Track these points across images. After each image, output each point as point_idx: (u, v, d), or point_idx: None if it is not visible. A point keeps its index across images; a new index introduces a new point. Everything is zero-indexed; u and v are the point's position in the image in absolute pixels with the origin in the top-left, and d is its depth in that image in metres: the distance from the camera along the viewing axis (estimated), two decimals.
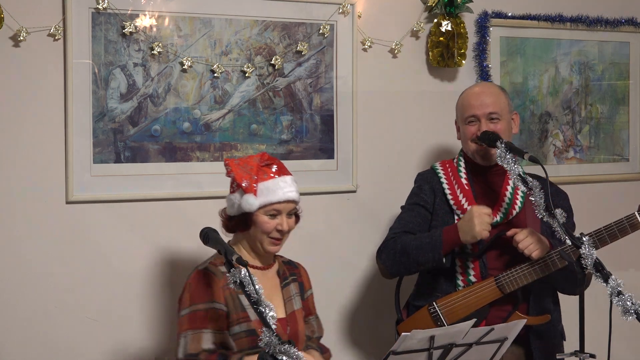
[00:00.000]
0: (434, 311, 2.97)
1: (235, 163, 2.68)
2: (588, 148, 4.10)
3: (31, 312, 3.10)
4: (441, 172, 3.13)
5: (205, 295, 2.57)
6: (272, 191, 2.64)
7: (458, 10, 3.65)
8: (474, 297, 2.94)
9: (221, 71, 3.31)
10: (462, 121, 3.09)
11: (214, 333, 2.55)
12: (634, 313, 2.49)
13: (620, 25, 4.09)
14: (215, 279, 2.59)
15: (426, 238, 2.95)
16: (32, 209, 3.09)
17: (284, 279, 2.77)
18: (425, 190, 3.12)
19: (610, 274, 2.58)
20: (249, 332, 2.57)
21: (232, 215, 2.67)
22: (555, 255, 2.89)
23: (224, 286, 2.56)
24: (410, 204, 3.14)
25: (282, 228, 2.65)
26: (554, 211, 2.70)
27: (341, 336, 3.61)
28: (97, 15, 3.12)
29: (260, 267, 2.72)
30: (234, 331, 2.57)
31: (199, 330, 2.54)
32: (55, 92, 3.09)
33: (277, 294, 2.72)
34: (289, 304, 2.73)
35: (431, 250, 2.91)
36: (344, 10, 3.49)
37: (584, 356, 2.66)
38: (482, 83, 3.34)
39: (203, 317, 2.55)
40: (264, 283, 2.67)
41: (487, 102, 3.04)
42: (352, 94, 3.54)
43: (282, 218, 2.65)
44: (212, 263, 2.65)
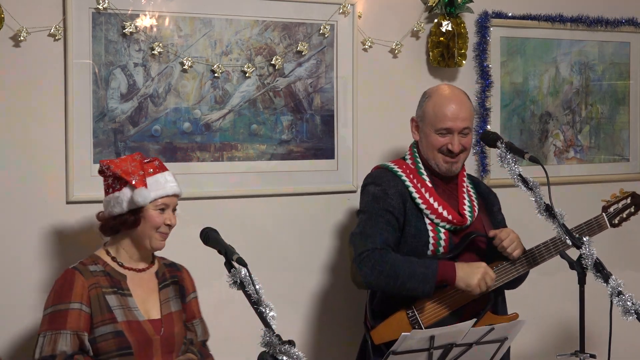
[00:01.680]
0: (413, 315, 2.93)
1: (115, 162, 2.68)
2: (588, 148, 4.10)
3: (31, 312, 3.09)
4: (401, 173, 3.06)
5: (68, 295, 2.55)
6: (162, 185, 2.68)
7: (458, 10, 3.65)
8: (450, 300, 2.94)
9: (221, 71, 3.31)
10: (431, 129, 3.02)
11: (72, 334, 2.52)
12: (634, 313, 2.49)
13: (620, 26, 4.09)
14: (82, 278, 2.58)
15: (420, 267, 2.87)
16: (32, 209, 3.09)
17: (163, 281, 2.76)
18: (392, 195, 3.00)
19: (610, 274, 2.58)
20: (116, 334, 2.56)
21: (117, 214, 2.64)
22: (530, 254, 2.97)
23: (90, 286, 2.57)
24: (378, 209, 2.99)
25: (171, 222, 2.70)
26: (554, 211, 2.70)
27: (341, 336, 3.61)
28: (98, 15, 3.12)
29: (140, 269, 2.72)
30: (99, 332, 2.55)
31: (56, 331, 2.51)
32: (56, 92, 3.09)
33: (153, 295, 2.71)
34: (165, 306, 2.71)
35: (422, 282, 2.85)
36: (344, 10, 3.49)
37: (584, 356, 2.66)
38: (451, 90, 3.10)
39: (63, 317, 2.52)
40: (142, 283, 2.70)
41: (463, 116, 3.01)
42: (352, 94, 3.54)
43: (169, 212, 2.70)
44: (82, 262, 2.64)
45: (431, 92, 3.11)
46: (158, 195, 2.66)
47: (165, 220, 2.68)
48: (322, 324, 3.57)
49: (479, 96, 3.81)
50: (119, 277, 2.65)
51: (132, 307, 2.62)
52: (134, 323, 2.60)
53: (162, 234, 2.69)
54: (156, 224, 2.66)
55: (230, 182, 3.36)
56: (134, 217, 2.64)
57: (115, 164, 2.66)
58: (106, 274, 2.63)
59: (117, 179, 2.64)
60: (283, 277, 3.47)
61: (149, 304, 2.69)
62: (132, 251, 2.71)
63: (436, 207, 2.98)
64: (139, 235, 2.67)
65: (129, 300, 2.63)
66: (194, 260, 3.04)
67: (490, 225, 3.09)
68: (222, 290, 2.49)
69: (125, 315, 2.59)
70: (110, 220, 2.67)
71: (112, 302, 2.59)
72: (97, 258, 2.68)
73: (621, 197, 3.10)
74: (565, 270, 2.75)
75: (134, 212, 2.63)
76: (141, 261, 2.73)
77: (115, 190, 2.65)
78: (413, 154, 3.12)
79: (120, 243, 2.70)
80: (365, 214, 3.01)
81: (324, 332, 3.57)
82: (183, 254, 3.00)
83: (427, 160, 3.07)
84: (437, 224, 2.98)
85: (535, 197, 2.75)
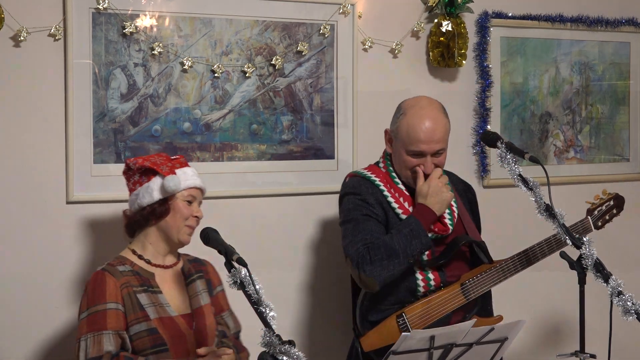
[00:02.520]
0: (403, 322, 2.91)
1: (141, 157, 2.73)
2: (588, 148, 4.10)
3: (31, 312, 3.10)
4: (379, 182, 3.01)
5: (103, 296, 2.56)
6: (189, 177, 2.71)
7: (458, 10, 3.65)
8: (440, 306, 2.93)
9: (221, 71, 3.31)
10: (403, 149, 2.96)
11: (114, 334, 2.54)
12: (634, 313, 2.49)
13: (620, 26, 4.09)
14: (113, 278, 2.59)
15: (404, 229, 2.85)
16: (32, 209, 3.09)
17: (189, 276, 2.77)
18: (372, 203, 2.95)
19: (610, 274, 2.58)
20: (150, 331, 2.57)
21: (146, 204, 2.65)
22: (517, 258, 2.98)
23: (121, 286, 2.58)
24: (362, 215, 2.93)
25: (199, 215, 2.72)
26: (555, 211, 2.70)
27: (340, 335, 3.61)
28: (98, 16, 3.12)
29: (166, 265, 2.73)
30: (134, 331, 2.57)
31: (98, 332, 2.52)
32: (56, 92, 3.09)
33: (182, 291, 2.73)
34: (194, 300, 2.73)
35: (416, 236, 2.84)
36: (344, 10, 3.49)
37: (584, 356, 2.66)
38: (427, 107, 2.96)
39: (102, 318, 2.54)
40: (170, 279, 2.71)
41: (438, 138, 2.93)
42: (352, 94, 3.54)
43: (195, 205, 2.72)
44: (110, 264, 2.65)
45: (406, 109, 2.99)
46: (187, 185, 2.68)
47: (193, 212, 2.70)
48: (322, 324, 3.56)
49: (479, 96, 3.81)
50: (147, 275, 2.66)
51: (164, 304, 2.64)
52: (166, 319, 2.61)
53: (190, 227, 2.71)
54: (185, 214, 2.68)
55: (230, 182, 3.36)
56: (163, 206, 2.66)
57: (143, 158, 2.71)
58: (135, 273, 2.64)
59: (144, 173, 2.67)
60: (283, 277, 3.47)
61: (179, 300, 2.71)
62: (160, 245, 2.71)
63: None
64: (167, 226, 2.68)
65: (159, 297, 2.64)
66: None
67: (471, 224, 3.08)
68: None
69: (157, 312, 2.61)
70: (138, 213, 2.68)
71: (143, 301, 2.60)
72: (123, 259, 2.69)
73: (605, 199, 3.12)
74: (565, 270, 2.75)
75: (163, 202, 2.65)
76: (168, 255, 2.75)
77: (141, 183, 2.67)
78: (387, 164, 3.07)
79: (146, 238, 2.71)
80: (350, 223, 2.96)
81: (323, 332, 3.57)
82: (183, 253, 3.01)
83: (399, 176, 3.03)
84: None
85: (535, 197, 2.75)
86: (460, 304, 2.94)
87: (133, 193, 2.70)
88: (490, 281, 2.96)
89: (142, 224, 2.70)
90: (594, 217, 3.07)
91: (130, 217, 2.73)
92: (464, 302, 2.94)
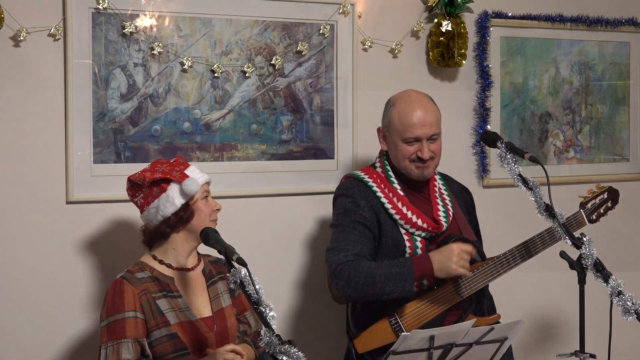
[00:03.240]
0: (395, 322, 2.91)
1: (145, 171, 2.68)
2: (588, 148, 4.10)
3: (31, 312, 3.10)
4: (372, 183, 3.01)
5: (121, 304, 2.57)
6: (198, 173, 2.72)
7: (458, 10, 3.65)
8: (432, 305, 2.92)
9: (221, 71, 3.31)
10: (398, 139, 2.97)
11: (132, 342, 2.55)
12: (634, 313, 2.49)
13: (620, 25, 4.09)
14: (131, 287, 2.59)
15: (395, 267, 2.82)
16: (32, 209, 3.09)
17: (210, 278, 2.78)
18: (363, 207, 2.94)
19: (610, 274, 2.58)
20: (171, 336, 2.58)
21: (170, 213, 2.65)
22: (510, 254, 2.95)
23: (139, 293, 2.59)
24: (350, 222, 2.92)
25: (219, 207, 2.76)
26: (554, 211, 2.70)
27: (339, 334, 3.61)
28: (98, 15, 3.12)
29: (188, 268, 2.74)
30: (154, 337, 2.58)
31: (117, 341, 2.54)
32: (56, 92, 3.09)
33: (202, 293, 2.73)
34: (215, 302, 2.73)
35: (401, 281, 2.79)
36: (344, 10, 3.49)
37: (584, 356, 2.66)
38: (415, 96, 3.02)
39: (121, 327, 2.55)
40: (190, 282, 2.71)
41: (430, 121, 2.94)
42: (352, 94, 3.54)
43: (211, 199, 2.75)
44: (129, 271, 2.65)
45: (395, 100, 3.04)
46: (200, 183, 2.70)
47: (213, 207, 2.73)
48: (321, 324, 3.57)
49: (479, 96, 3.81)
50: (167, 280, 2.66)
51: (184, 308, 2.64)
52: (186, 324, 2.62)
53: (214, 221, 2.73)
54: (207, 212, 2.71)
55: (230, 182, 3.36)
56: (188, 211, 2.66)
57: (147, 172, 2.68)
58: (154, 279, 2.65)
59: (155, 184, 2.65)
60: (283, 277, 3.48)
61: (200, 303, 2.71)
62: (186, 247, 2.71)
63: (410, 217, 2.95)
64: (195, 227, 2.68)
65: (179, 301, 2.65)
66: None
67: (467, 225, 3.08)
68: None
69: (177, 317, 2.61)
70: (164, 224, 2.67)
71: (163, 306, 2.61)
72: (143, 265, 2.69)
73: (598, 192, 3.09)
74: (565, 270, 2.75)
75: (186, 207, 2.66)
76: (191, 256, 2.75)
77: (157, 195, 2.65)
78: (383, 163, 3.07)
79: (170, 243, 2.71)
80: (337, 228, 2.96)
81: (323, 332, 3.57)
82: None
83: (398, 169, 3.03)
84: (413, 233, 2.95)
85: (535, 197, 2.75)
86: (453, 302, 2.93)
87: (150, 207, 2.66)
88: (483, 277, 2.93)
89: (168, 233, 2.69)
90: (587, 211, 3.04)
91: (153, 230, 2.70)
92: (457, 300, 2.92)
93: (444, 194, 3.10)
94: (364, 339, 2.95)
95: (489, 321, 2.88)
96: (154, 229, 2.70)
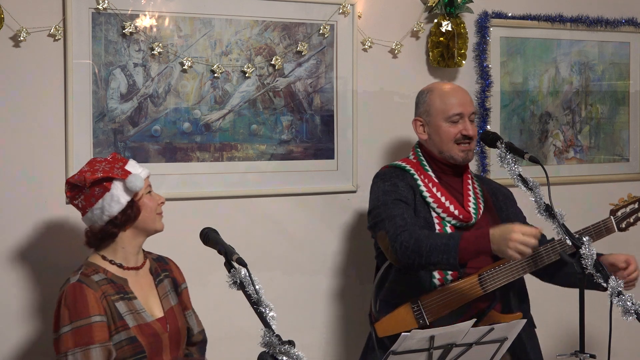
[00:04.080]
0: (418, 309, 2.92)
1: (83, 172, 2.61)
2: (588, 148, 4.11)
3: (31, 312, 3.10)
4: (409, 168, 3.07)
5: (85, 309, 2.50)
6: (138, 168, 2.67)
7: (458, 10, 3.66)
8: (456, 296, 2.92)
9: (221, 71, 3.31)
10: (442, 120, 3.05)
11: (101, 347, 2.50)
12: (634, 313, 2.49)
13: (620, 26, 4.09)
14: (91, 291, 2.53)
15: (443, 238, 2.79)
16: (32, 209, 3.09)
17: (157, 276, 2.76)
18: (402, 187, 2.99)
19: (610, 274, 2.58)
20: (130, 340, 2.55)
21: (117, 212, 2.60)
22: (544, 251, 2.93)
23: (100, 297, 2.54)
24: (392, 200, 2.95)
25: (163, 200, 2.73)
26: (554, 211, 2.70)
27: (339, 334, 3.61)
28: (97, 16, 3.12)
29: (138, 266, 2.71)
30: (114, 341, 2.53)
31: (86, 347, 2.47)
32: (55, 92, 3.09)
33: (153, 293, 2.71)
34: (165, 301, 2.72)
35: (445, 252, 2.76)
36: (344, 10, 3.49)
37: (584, 356, 2.66)
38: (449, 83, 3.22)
39: (88, 332, 2.48)
40: (141, 283, 2.68)
41: (469, 100, 3.10)
42: (352, 94, 3.54)
43: (154, 193, 2.72)
44: (84, 274, 2.58)
45: (430, 88, 3.15)
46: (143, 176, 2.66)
47: (157, 201, 2.70)
48: (321, 323, 3.57)
49: (479, 96, 3.81)
50: (121, 282, 2.63)
51: (140, 310, 2.62)
52: (144, 326, 2.60)
53: (160, 214, 2.72)
54: (153, 206, 2.68)
55: (230, 182, 3.36)
56: (133, 207, 2.63)
57: (86, 172, 2.60)
58: (109, 281, 2.60)
59: (96, 184, 2.59)
60: (283, 277, 3.48)
61: (151, 302, 2.69)
62: (134, 244, 2.67)
63: (443, 202, 2.99)
64: (142, 223, 2.66)
65: (135, 303, 2.62)
66: (194, 260, 3.05)
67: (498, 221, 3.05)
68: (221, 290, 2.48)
69: (135, 320, 2.59)
70: (110, 224, 2.61)
71: (121, 309, 2.57)
72: (95, 266, 2.62)
73: (629, 201, 3.11)
74: None
75: (131, 204, 2.62)
76: (139, 254, 2.72)
77: (100, 195, 2.59)
78: (417, 153, 3.13)
79: (118, 243, 2.65)
80: (380, 207, 2.97)
81: (322, 332, 3.57)
82: (183, 253, 3.01)
83: (438, 153, 3.07)
84: (444, 218, 2.99)
85: (535, 197, 2.74)
86: (477, 296, 2.91)
87: (94, 208, 2.60)
88: (509, 274, 2.92)
89: (116, 232, 2.64)
90: (617, 218, 3.06)
91: (99, 231, 2.63)
92: (480, 293, 2.91)
93: (477, 188, 3.13)
94: (384, 323, 2.96)
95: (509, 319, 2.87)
96: (99, 230, 2.63)
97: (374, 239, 3.07)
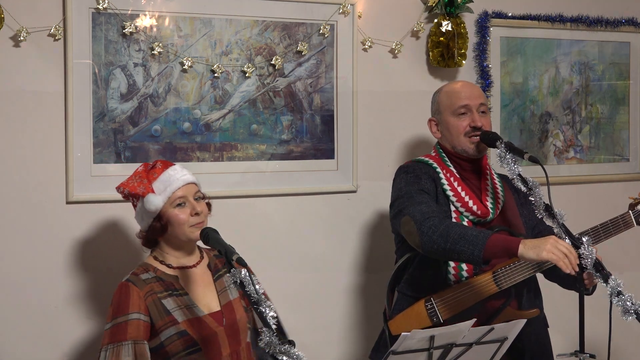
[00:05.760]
0: (431, 307, 2.91)
1: (125, 182, 2.70)
2: (588, 148, 4.11)
3: (31, 312, 3.10)
4: (432, 161, 3.07)
5: (126, 307, 2.57)
6: (168, 182, 2.67)
7: (458, 10, 3.66)
8: (470, 293, 2.91)
9: (221, 71, 3.31)
10: (450, 114, 3.05)
11: (133, 344, 2.54)
12: (634, 313, 2.49)
13: (620, 26, 4.09)
14: (137, 289, 2.60)
15: (473, 231, 2.73)
16: (32, 209, 3.09)
17: (216, 272, 2.78)
18: (425, 179, 3.00)
19: (610, 274, 2.58)
20: (180, 334, 2.58)
21: (146, 227, 2.69)
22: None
23: (145, 295, 2.59)
24: (415, 190, 2.94)
25: (197, 210, 2.67)
26: (554, 211, 2.70)
27: (340, 334, 3.61)
28: (98, 16, 3.12)
29: (189, 265, 2.73)
30: (165, 336, 2.58)
31: (118, 343, 2.53)
32: (56, 92, 3.09)
33: (209, 288, 2.73)
34: (222, 296, 2.73)
35: (472, 244, 2.68)
36: (344, 10, 3.49)
37: (584, 356, 2.66)
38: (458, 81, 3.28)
39: (123, 329, 2.55)
40: (195, 279, 2.71)
41: (476, 93, 3.08)
42: (352, 94, 3.54)
43: (191, 203, 2.68)
44: (134, 273, 2.66)
45: (440, 88, 3.18)
46: (167, 194, 2.65)
47: (191, 212, 2.66)
48: (321, 323, 3.57)
49: None
50: (170, 280, 2.67)
51: (190, 305, 2.64)
52: (194, 320, 2.62)
53: (195, 225, 2.67)
54: (181, 220, 2.65)
55: (230, 182, 3.37)
56: (159, 223, 2.66)
57: (126, 184, 2.70)
58: (158, 279, 2.65)
59: (132, 195, 2.69)
60: (283, 277, 3.47)
61: (208, 298, 2.71)
62: (175, 252, 2.72)
63: (463, 197, 2.98)
64: (173, 236, 2.68)
65: (185, 298, 2.65)
66: None
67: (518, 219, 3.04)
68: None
69: (185, 315, 2.61)
70: (145, 235, 2.72)
71: (169, 305, 2.61)
72: (147, 266, 2.69)
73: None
74: None
75: (158, 219, 2.66)
76: (188, 257, 2.75)
77: (135, 205, 2.72)
78: (437, 150, 3.13)
79: (162, 248, 2.72)
80: (404, 197, 2.95)
81: (322, 331, 3.57)
82: None
83: (452, 149, 3.07)
84: (462, 212, 2.97)
85: (535, 197, 2.74)
86: (491, 293, 2.89)
87: (135, 215, 2.74)
88: (525, 270, 2.90)
89: (156, 239, 2.72)
90: (636, 212, 3.04)
91: (143, 236, 2.74)
92: (495, 291, 2.90)
93: (497, 185, 3.11)
94: (398, 321, 2.96)
95: (527, 315, 2.87)
96: (143, 236, 2.74)
97: (394, 233, 3.07)
